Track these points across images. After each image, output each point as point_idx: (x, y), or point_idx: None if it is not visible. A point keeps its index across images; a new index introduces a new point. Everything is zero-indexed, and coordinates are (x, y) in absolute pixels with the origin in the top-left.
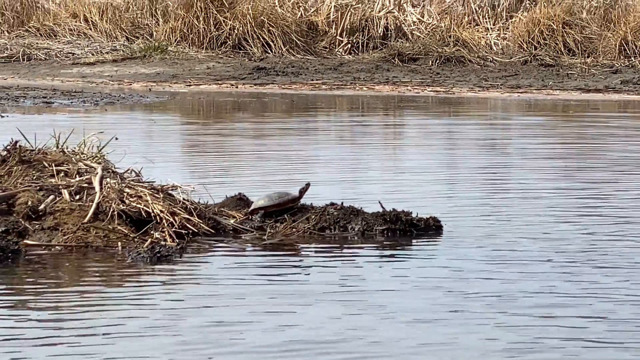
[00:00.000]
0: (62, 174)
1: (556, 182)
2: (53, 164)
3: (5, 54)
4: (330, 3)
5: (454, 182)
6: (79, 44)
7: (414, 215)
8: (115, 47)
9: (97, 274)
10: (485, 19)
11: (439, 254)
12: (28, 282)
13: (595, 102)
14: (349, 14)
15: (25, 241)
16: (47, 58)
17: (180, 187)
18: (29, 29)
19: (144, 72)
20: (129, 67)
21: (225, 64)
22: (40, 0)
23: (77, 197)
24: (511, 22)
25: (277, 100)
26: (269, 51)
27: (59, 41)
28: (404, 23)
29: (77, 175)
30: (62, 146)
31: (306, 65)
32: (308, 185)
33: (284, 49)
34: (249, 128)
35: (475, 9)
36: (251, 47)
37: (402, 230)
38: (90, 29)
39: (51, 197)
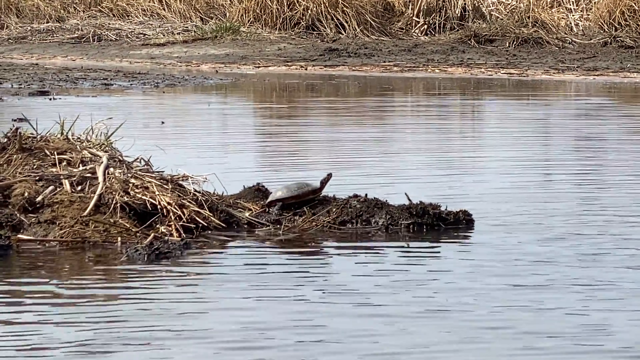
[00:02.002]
0: (64, 163)
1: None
2: (55, 152)
3: (75, 35)
4: None
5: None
6: (151, 24)
7: (442, 208)
8: (187, 27)
9: (87, 273)
10: (569, 0)
11: (468, 251)
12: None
13: None
14: None
15: (18, 236)
16: (118, 39)
17: (191, 177)
18: (102, 9)
19: (213, 53)
20: (198, 48)
21: (297, 45)
22: None
23: (79, 188)
24: (593, 2)
25: (344, 83)
26: (342, 32)
27: (130, 21)
28: (482, 3)
29: (80, 165)
30: (66, 133)
31: (379, 46)
32: (330, 175)
33: (358, 30)
34: (305, 111)
35: None
36: (324, 27)
37: (429, 225)
38: (164, 9)
39: (50, 187)
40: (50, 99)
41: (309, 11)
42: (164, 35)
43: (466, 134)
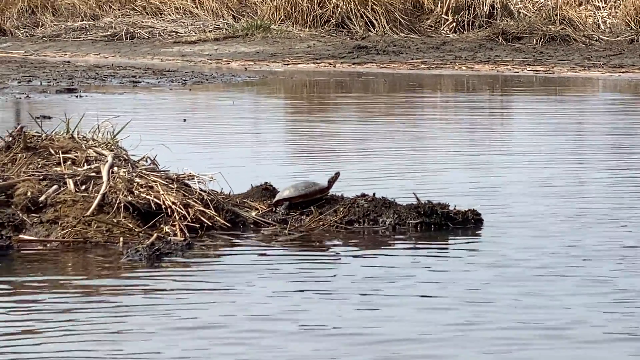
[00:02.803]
0: (69, 162)
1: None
2: (60, 151)
3: (109, 33)
4: None
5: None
6: (183, 22)
7: (451, 207)
8: (219, 25)
9: (84, 275)
10: None
11: (476, 252)
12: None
13: None
14: None
15: (20, 236)
16: (150, 37)
17: (197, 176)
18: (136, 7)
19: (243, 51)
20: (229, 46)
21: (326, 43)
22: None
23: (83, 187)
24: (621, 0)
25: (372, 80)
26: (372, 30)
27: (163, 19)
28: (510, 1)
29: (85, 164)
30: (72, 132)
31: (408, 44)
32: (338, 174)
33: (387, 27)
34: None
35: None
36: (354, 25)
37: (437, 224)
38: (197, 7)
39: (54, 187)
40: (77, 97)
41: (339, 9)
42: (195, 33)
43: (493, 131)
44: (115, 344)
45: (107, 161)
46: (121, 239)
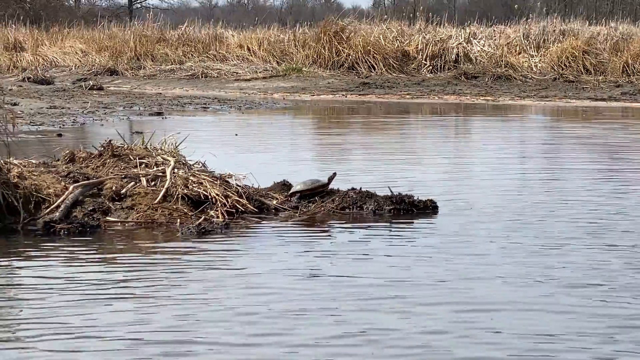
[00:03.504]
0: (143, 165)
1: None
2: (137, 158)
3: (190, 73)
4: (418, 38)
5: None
6: (242, 66)
7: (415, 198)
8: (266, 68)
9: (152, 245)
10: (531, 48)
11: (433, 228)
12: (95, 251)
13: (601, 108)
14: (431, 45)
15: (107, 218)
16: (218, 76)
17: (234, 176)
18: (209, 56)
19: (282, 86)
20: (273, 82)
21: (340, 80)
22: (219, 34)
23: (153, 183)
24: (547, 50)
25: (373, 106)
26: (373, 71)
27: (228, 64)
28: (470, 52)
29: (154, 166)
30: (145, 144)
31: (398, 81)
32: (334, 174)
33: (383, 70)
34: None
35: (523, 41)
36: (360, 68)
37: (405, 210)
38: (251, 56)
39: (132, 183)
40: (163, 118)
41: (350, 57)
42: (250, 73)
43: (455, 142)
44: (180, 287)
45: (170, 165)
46: (178, 220)
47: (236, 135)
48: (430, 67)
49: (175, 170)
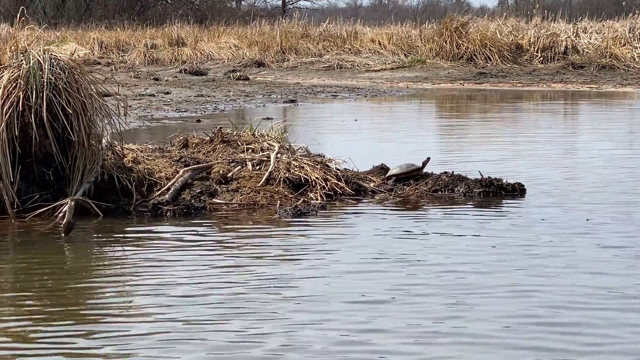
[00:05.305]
0: (249, 150)
1: None
2: (244, 143)
3: (327, 65)
4: (531, 32)
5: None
6: (373, 58)
7: (504, 181)
8: (395, 60)
9: (251, 224)
10: (635, 40)
11: (521, 209)
12: (196, 231)
13: None
14: (543, 39)
15: (213, 200)
16: (351, 67)
17: (334, 160)
18: (344, 49)
19: (407, 76)
20: (399, 73)
21: (459, 70)
22: (357, 30)
23: (257, 167)
24: None
25: (488, 93)
26: (489, 62)
27: (360, 56)
28: (578, 44)
29: (260, 151)
30: (253, 130)
31: (511, 71)
32: (428, 158)
33: (498, 61)
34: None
35: (628, 35)
36: (477, 59)
37: (494, 192)
38: (382, 49)
39: (238, 167)
40: (295, 105)
41: (468, 49)
42: (379, 65)
43: (558, 129)
44: (277, 262)
45: (274, 150)
46: (278, 202)
47: (355, 120)
48: (541, 58)
49: (279, 155)
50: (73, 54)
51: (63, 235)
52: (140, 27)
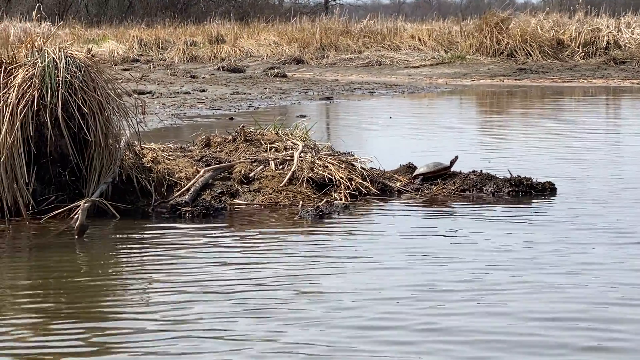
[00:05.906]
0: (273, 150)
1: None
2: (268, 142)
3: (366, 61)
4: (572, 27)
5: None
6: (412, 54)
7: (533, 180)
8: (434, 56)
9: (272, 225)
10: None
11: (552, 209)
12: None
13: None
14: (584, 34)
15: (234, 200)
16: (391, 64)
17: (359, 159)
18: (384, 46)
19: (446, 72)
20: (438, 69)
21: (499, 66)
22: (398, 27)
23: (281, 167)
24: None
25: (528, 89)
26: (529, 58)
27: (400, 52)
28: (620, 39)
29: (284, 150)
30: (277, 129)
31: (551, 66)
32: (456, 157)
33: (539, 56)
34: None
35: None
36: (518, 55)
37: (523, 192)
38: (421, 45)
39: (260, 167)
40: (330, 102)
41: (508, 45)
42: (418, 61)
43: (599, 125)
44: (301, 261)
45: (298, 149)
46: (301, 202)
47: (390, 118)
48: (582, 54)
49: (303, 154)
50: (111, 52)
51: (76, 237)
52: (181, 24)
